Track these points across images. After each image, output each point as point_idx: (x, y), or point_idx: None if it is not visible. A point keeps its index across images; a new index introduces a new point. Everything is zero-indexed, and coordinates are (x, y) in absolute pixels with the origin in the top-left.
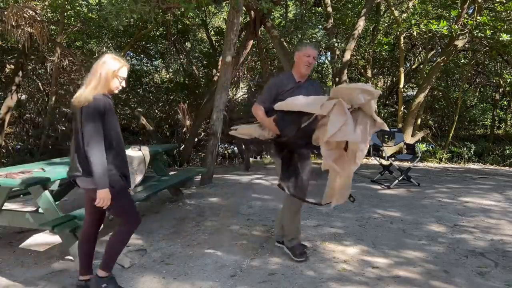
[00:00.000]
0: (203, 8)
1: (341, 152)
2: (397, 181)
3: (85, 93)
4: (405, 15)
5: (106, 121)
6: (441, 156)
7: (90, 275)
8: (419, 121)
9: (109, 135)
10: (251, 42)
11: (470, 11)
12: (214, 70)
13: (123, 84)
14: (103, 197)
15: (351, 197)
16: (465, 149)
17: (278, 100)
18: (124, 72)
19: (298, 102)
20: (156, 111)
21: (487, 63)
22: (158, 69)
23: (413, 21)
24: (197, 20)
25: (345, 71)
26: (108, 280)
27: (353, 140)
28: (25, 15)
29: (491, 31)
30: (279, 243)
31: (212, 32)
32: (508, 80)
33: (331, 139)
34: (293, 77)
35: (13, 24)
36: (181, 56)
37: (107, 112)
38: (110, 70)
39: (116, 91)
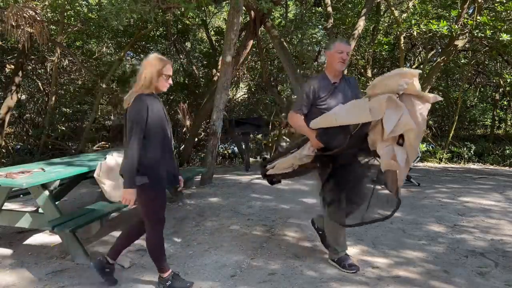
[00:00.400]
0: (203, 8)
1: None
2: None
3: (130, 94)
4: (405, 15)
5: (148, 122)
6: (441, 156)
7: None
8: None
9: (152, 135)
10: (251, 42)
11: (470, 11)
12: (214, 70)
13: (170, 81)
14: (126, 197)
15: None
16: (465, 149)
17: (315, 106)
18: (168, 70)
19: (339, 116)
20: None
21: (487, 63)
22: None
23: (413, 21)
24: (197, 20)
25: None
26: (172, 277)
27: (415, 127)
28: (25, 15)
29: (491, 31)
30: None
31: (212, 32)
32: (508, 80)
33: (392, 135)
34: (328, 78)
35: (13, 24)
36: (181, 56)
37: (151, 112)
38: (154, 70)
39: (165, 90)
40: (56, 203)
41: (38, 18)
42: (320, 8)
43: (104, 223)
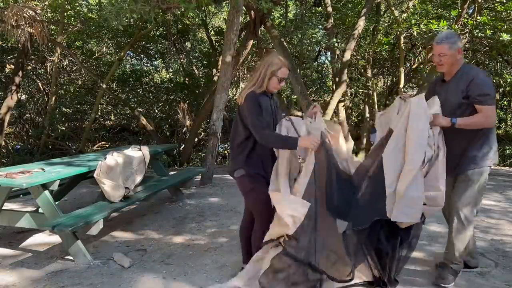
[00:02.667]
0: (203, 8)
1: None
2: None
3: (243, 91)
4: (405, 15)
5: None
6: None
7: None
8: None
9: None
10: (251, 42)
11: (470, 11)
12: (214, 70)
13: (283, 84)
14: (306, 144)
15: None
16: None
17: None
18: (283, 73)
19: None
20: (156, 111)
21: (487, 63)
22: (158, 69)
23: (413, 21)
24: (197, 20)
25: (345, 71)
26: None
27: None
28: (25, 15)
29: (491, 31)
30: (468, 267)
31: (212, 32)
32: (508, 80)
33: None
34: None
35: (13, 24)
36: (181, 56)
37: (262, 109)
38: (269, 70)
39: (275, 91)
40: (56, 203)
41: (38, 18)
42: (320, 8)
43: (104, 223)
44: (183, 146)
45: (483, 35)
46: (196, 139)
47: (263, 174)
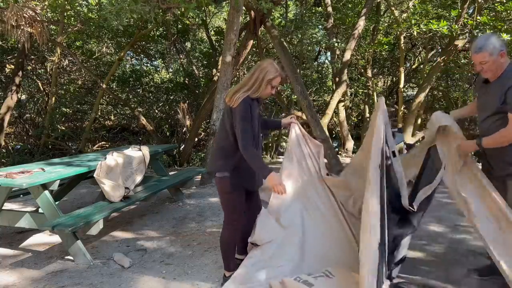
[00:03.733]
0: (203, 8)
1: None
2: None
3: (236, 93)
4: (405, 15)
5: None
6: None
7: (244, 255)
8: (419, 121)
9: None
10: (251, 42)
11: (470, 11)
12: (214, 70)
13: (274, 92)
14: (272, 184)
15: None
16: None
17: None
18: (278, 81)
19: None
20: (156, 111)
21: None
22: (158, 69)
23: (413, 21)
24: (197, 20)
25: (345, 71)
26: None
27: None
28: (25, 15)
29: (491, 31)
30: None
31: (212, 32)
32: None
33: None
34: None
35: (13, 24)
36: (181, 56)
37: (252, 116)
38: (266, 77)
39: (266, 98)
40: (56, 203)
41: (38, 18)
42: (320, 8)
43: (104, 223)
44: (183, 146)
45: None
46: (196, 139)
47: (245, 186)
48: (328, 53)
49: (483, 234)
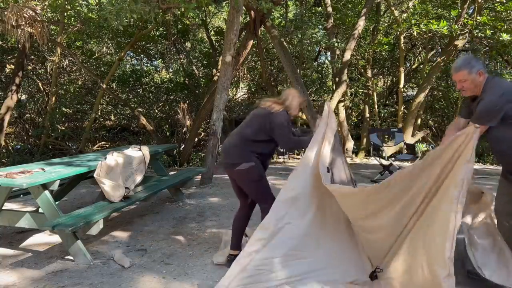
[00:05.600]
0: (203, 8)
1: None
2: None
3: (278, 106)
4: (405, 15)
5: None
6: None
7: (238, 251)
8: (419, 121)
9: (272, 141)
10: (251, 42)
11: (470, 11)
12: (214, 70)
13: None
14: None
15: None
16: None
17: None
18: (303, 105)
19: None
20: (156, 111)
21: (487, 63)
22: (158, 69)
23: (413, 21)
24: (197, 20)
25: (345, 71)
26: None
27: None
28: (25, 15)
29: (491, 31)
30: None
31: (212, 32)
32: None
33: None
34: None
35: (13, 24)
36: (181, 56)
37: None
38: (298, 101)
39: (292, 115)
40: (56, 203)
41: (38, 18)
42: (320, 8)
43: (104, 223)
44: (183, 146)
45: (483, 35)
46: (196, 139)
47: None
48: (328, 53)
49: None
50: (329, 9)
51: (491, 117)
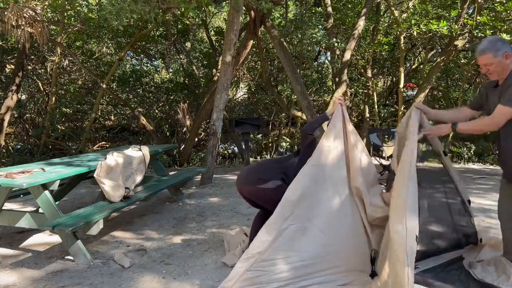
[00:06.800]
0: (203, 8)
1: None
2: None
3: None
4: (405, 15)
5: None
6: None
7: None
8: None
9: None
10: (251, 42)
11: (470, 11)
12: (214, 70)
13: None
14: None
15: None
16: (465, 149)
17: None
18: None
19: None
20: (156, 111)
21: None
22: (158, 69)
23: (413, 21)
24: (197, 20)
25: (345, 71)
26: None
27: None
28: (25, 15)
29: (491, 31)
30: None
31: (212, 32)
32: None
33: None
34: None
35: (13, 24)
36: (181, 56)
37: None
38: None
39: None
40: (56, 203)
41: (38, 18)
42: (320, 8)
43: (104, 223)
44: (183, 146)
45: (483, 35)
46: (196, 139)
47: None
48: (328, 53)
49: None
50: (329, 9)
51: None
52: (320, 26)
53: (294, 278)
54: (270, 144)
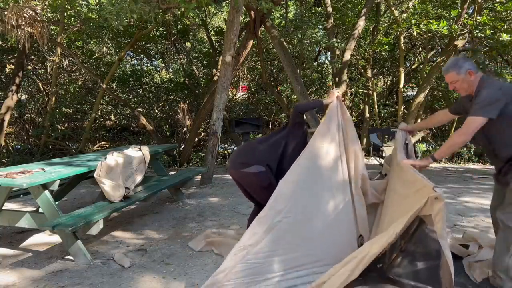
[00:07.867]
0: (203, 8)
1: None
2: None
3: None
4: (405, 15)
5: None
6: None
7: None
8: (419, 121)
9: None
10: (251, 42)
11: (470, 11)
12: (214, 70)
13: None
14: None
15: None
16: (465, 149)
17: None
18: None
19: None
20: (156, 111)
21: (487, 63)
22: (158, 69)
23: (413, 21)
24: (197, 20)
25: (345, 71)
26: None
27: None
28: (25, 15)
29: (491, 31)
30: None
31: (212, 32)
32: (508, 80)
33: None
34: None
35: (13, 24)
36: (181, 56)
37: None
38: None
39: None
40: (56, 203)
41: (38, 18)
42: (320, 8)
43: (104, 223)
44: (183, 146)
45: (483, 35)
46: (196, 139)
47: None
48: (328, 53)
49: None
50: (329, 9)
51: (491, 107)
52: (320, 26)
53: (285, 270)
54: None
